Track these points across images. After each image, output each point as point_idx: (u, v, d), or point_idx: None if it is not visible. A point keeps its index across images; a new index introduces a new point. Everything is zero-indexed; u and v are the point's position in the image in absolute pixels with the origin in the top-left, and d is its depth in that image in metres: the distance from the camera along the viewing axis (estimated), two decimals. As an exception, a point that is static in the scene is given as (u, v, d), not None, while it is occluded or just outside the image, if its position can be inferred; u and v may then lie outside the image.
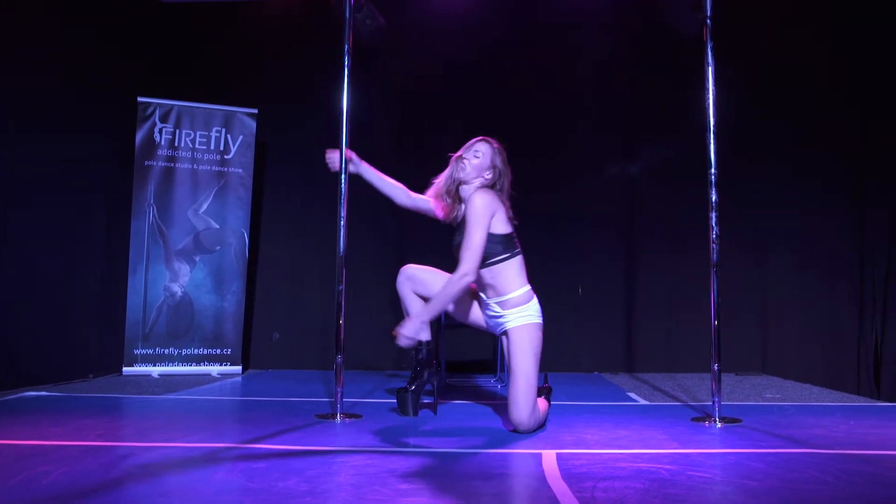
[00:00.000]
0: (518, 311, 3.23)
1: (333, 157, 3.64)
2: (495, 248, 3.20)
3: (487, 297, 3.32)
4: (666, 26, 5.79)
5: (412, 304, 3.50)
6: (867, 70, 5.89)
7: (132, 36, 5.95)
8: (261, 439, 2.93)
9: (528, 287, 3.29)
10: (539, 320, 3.27)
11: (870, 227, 5.86)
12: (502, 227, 3.24)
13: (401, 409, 3.55)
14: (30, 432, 3.08)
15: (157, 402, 4.18)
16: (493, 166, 3.32)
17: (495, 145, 3.37)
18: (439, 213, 3.50)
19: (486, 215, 3.16)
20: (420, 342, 3.49)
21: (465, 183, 3.35)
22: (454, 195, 3.38)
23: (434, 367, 3.58)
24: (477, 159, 3.32)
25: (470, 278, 3.15)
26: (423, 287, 3.47)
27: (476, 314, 3.53)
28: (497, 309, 3.28)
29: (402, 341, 3.19)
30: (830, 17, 6.08)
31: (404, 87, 6.26)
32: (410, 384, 3.55)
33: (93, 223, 5.48)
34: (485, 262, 3.19)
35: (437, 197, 3.48)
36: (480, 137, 3.41)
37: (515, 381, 3.14)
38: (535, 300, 3.29)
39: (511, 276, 3.24)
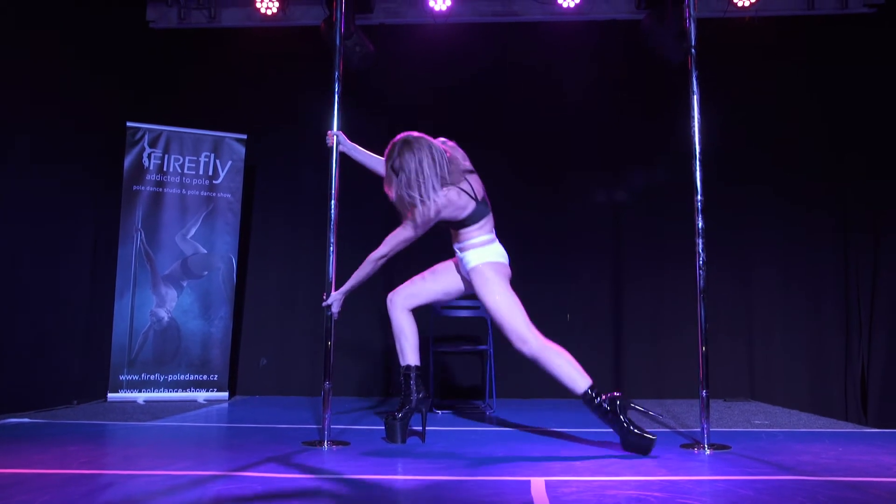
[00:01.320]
0: (477, 252, 3.45)
1: (330, 137, 3.71)
2: (457, 224, 3.46)
3: (455, 245, 3.54)
4: (651, 55, 5.89)
5: (406, 339, 3.57)
6: (845, 97, 6.00)
7: (122, 61, 5.98)
8: (247, 467, 2.89)
9: (492, 236, 3.51)
10: (497, 259, 3.48)
11: (853, 251, 5.91)
12: (456, 211, 3.40)
13: (389, 436, 3.51)
14: (11, 460, 3.03)
15: (142, 429, 4.13)
16: (403, 185, 3.33)
17: (390, 162, 3.40)
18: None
19: (421, 225, 3.37)
20: (409, 366, 3.53)
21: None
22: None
23: (423, 394, 3.56)
24: (394, 196, 3.42)
25: (383, 262, 3.48)
26: (418, 298, 3.59)
27: (453, 283, 3.65)
28: (459, 253, 3.52)
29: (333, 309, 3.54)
30: (805, 47, 6.19)
31: (394, 114, 6.27)
32: (399, 411, 3.52)
33: (79, 248, 5.44)
34: (454, 227, 3.49)
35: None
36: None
37: (494, 316, 3.44)
38: (496, 244, 3.51)
39: (473, 231, 3.47)
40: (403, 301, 3.58)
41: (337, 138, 3.70)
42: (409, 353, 3.59)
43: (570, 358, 3.50)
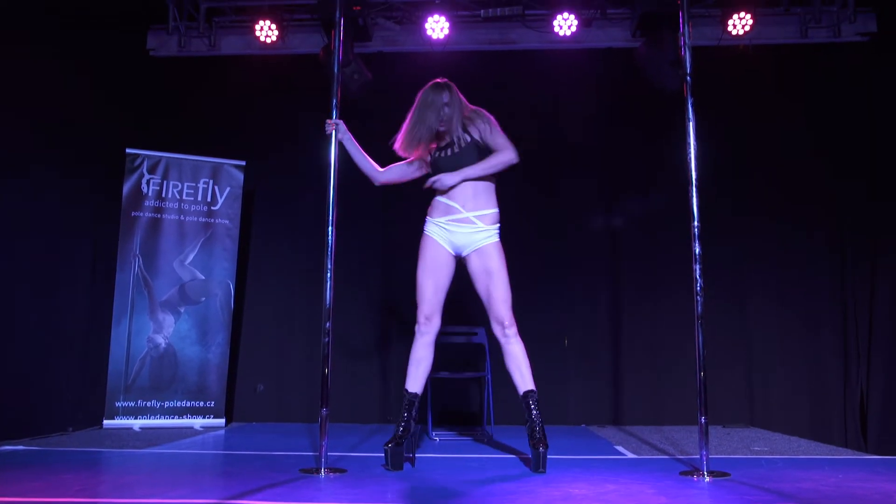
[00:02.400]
0: (494, 228, 3.61)
1: (329, 124, 3.73)
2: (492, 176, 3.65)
3: (466, 210, 3.59)
4: (647, 83, 5.94)
5: (418, 367, 3.67)
6: (840, 123, 6.05)
7: (122, 88, 6.02)
8: (244, 495, 2.86)
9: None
10: None
11: (850, 278, 5.92)
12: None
13: (391, 463, 3.50)
14: (6, 489, 2.99)
15: (137, 456, 4.09)
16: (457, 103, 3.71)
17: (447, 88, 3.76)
18: (418, 168, 3.84)
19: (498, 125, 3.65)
20: (406, 392, 3.59)
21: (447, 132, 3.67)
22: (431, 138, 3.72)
23: (416, 421, 3.58)
24: (449, 109, 3.68)
25: (516, 160, 3.60)
26: (435, 313, 3.67)
27: (449, 273, 3.68)
28: (478, 223, 3.59)
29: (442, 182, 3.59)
30: (799, 74, 6.25)
31: (390, 140, 6.31)
32: (399, 438, 3.51)
33: (77, 273, 5.44)
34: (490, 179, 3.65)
35: (413, 148, 3.75)
36: (433, 86, 3.81)
37: (500, 293, 3.54)
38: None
39: (493, 193, 3.66)
40: (425, 328, 3.65)
41: (338, 127, 3.72)
42: (417, 381, 3.64)
43: None
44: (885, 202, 5.87)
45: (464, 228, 3.60)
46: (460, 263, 3.71)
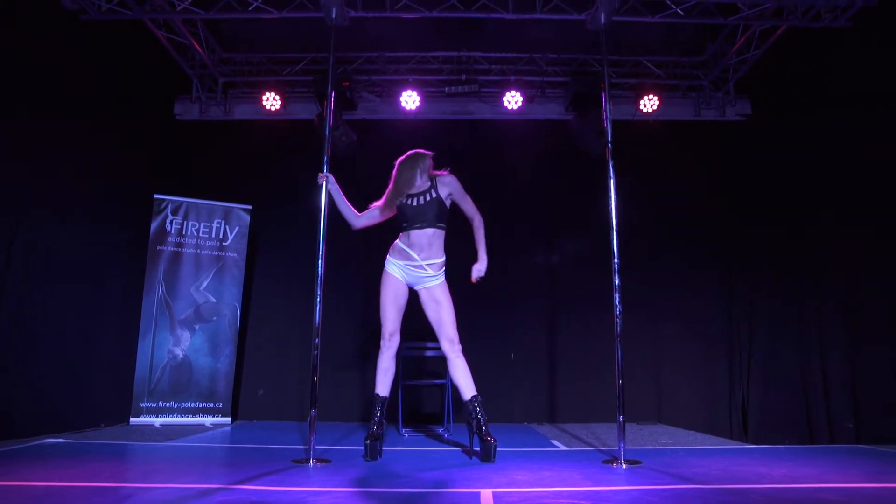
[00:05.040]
0: (441, 273, 3.67)
1: (321, 176, 3.74)
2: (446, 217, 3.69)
3: (421, 259, 3.61)
4: (578, 148, 6.07)
5: (385, 375, 3.63)
6: (727, 184, 6.21)
7: (153, 145, 5.97)
8: (244, 481, 2.82)
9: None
10: None
11: (735, 305, 6.04)
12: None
13: (370, 454, 3.47)
14: (48, 474, 2.92)
15: (158, 448, 4.00)
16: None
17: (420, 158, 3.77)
18: (387, 214, 3.81)
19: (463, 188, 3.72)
20: (377, 396, 3.57)
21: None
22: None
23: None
24: (421, 176, 3.73)
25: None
26: (396, 332, 3.66)
27: (403, 303, 3.69)
28: (428, 270, 3.62)
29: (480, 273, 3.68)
30: (695, 143, 6.43)
31: (372, 191, 6.31)
32: (375, 434, 3.50)
33: (111, 297, 5.33)
34: (442, 223, 3.66)
35: (392, 207, 3.75)
36: (409, 157, 3.78)
37: (449, 317, 3.59)
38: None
39: (443, 243, 3.68)
40: (390, 343, 3.63)
41: (328, 178, 3.74)
42: (385, 386, 3.62)
43: None
44: (760, 247, 6.01)
45: (417, 272, 3.64)
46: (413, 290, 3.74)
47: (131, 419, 5.23)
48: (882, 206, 5.38)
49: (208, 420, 5.45)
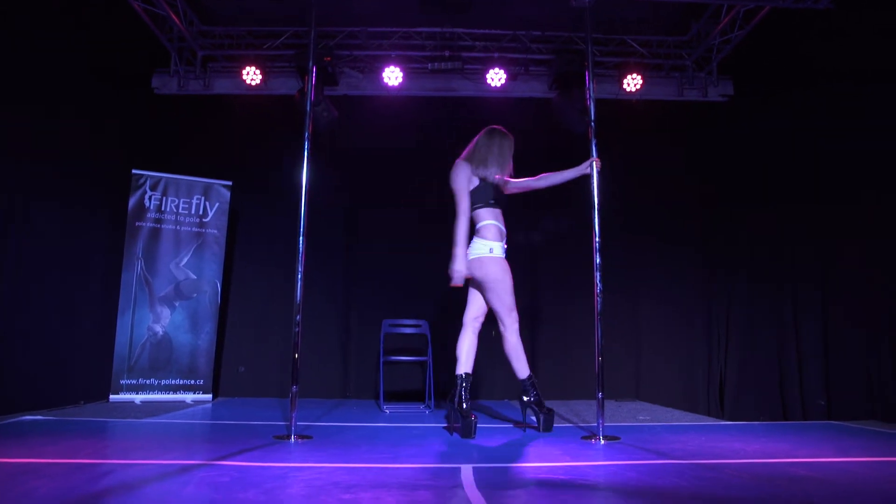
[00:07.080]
0: None
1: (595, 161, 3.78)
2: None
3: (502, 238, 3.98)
4: (560, 126, 6.05)
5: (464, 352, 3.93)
6: (709, 161, 6.25)
7: (131, 120, 5.86)
8: (226, 457, 2.82)
9: None
10: None
11: (714, 284, 6.11)
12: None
13: (464, 432, 3.52)
14: (27, 451, 2.89)
15: (138, 425, 3.98)
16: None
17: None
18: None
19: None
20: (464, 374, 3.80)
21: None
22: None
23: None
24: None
25: None
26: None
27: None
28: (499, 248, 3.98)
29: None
30: (677, 123, 6.45)
31: (353, 168, 6.28)
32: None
33: (91, 273, 5.26)
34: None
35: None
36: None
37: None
38: None
39: None
40: (472, 322, 3.93)
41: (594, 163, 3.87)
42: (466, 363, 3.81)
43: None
44: (741, 227, 6.08)
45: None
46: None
47: (111, 396, 5.20)
48: (859, 187, 5.44)
49: (189, 397, 5.44)
